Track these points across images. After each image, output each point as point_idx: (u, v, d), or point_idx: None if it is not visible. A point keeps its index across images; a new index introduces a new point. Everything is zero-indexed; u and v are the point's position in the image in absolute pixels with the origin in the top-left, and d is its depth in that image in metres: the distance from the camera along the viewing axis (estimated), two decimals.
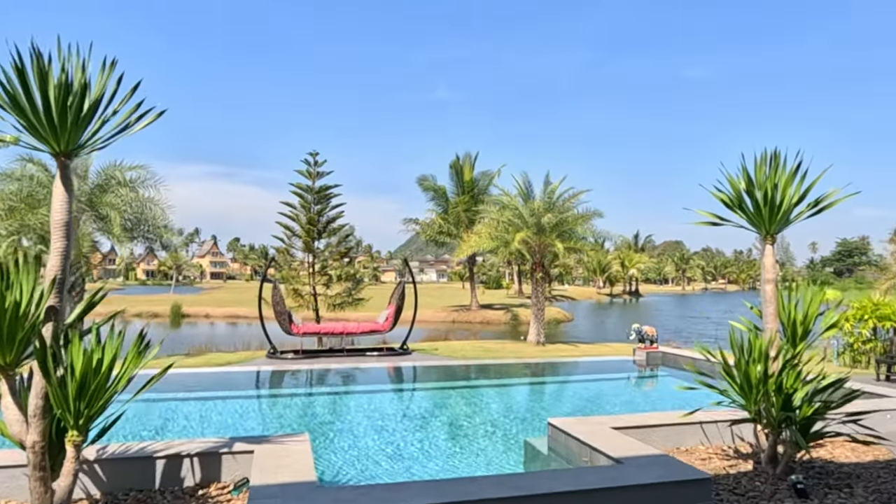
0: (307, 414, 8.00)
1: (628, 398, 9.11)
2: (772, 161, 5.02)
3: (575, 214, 16.74)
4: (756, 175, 5.11)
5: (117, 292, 77.08)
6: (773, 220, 5.04)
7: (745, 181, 5.14)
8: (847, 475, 4.96)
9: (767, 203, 4.99)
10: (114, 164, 14.10)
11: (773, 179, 4.97)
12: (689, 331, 33.31)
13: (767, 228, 5.09)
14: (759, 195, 5.04)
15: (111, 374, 3.81)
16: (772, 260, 5.14)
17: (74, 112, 3.61)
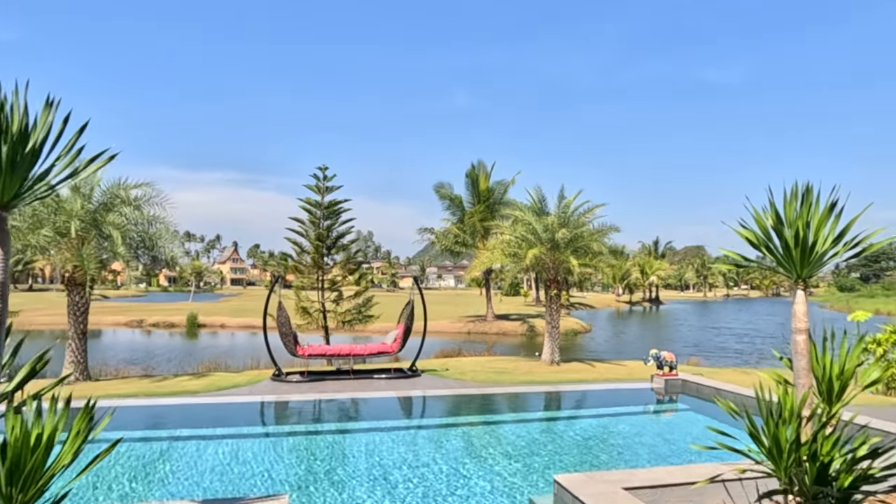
0: (299, 460, 7.56)
1: (646, 439, 8.48)
2: (804, 197, 4.47)
3: (590, 230, 16.17)
4: (785, 212, 4.57)
5: (139, 299, 77.95)
6: (806, 263, 4.49)
7: (773, 218, 4.60)
8: None
9: (799, 244, 4.44)
10: (118, 183, 13.90)
11: (804, 217, 4.42)
12: (712, 344, 32.40)
13: (799, 272, 4.54)
14: (788, 234, 4.50)
15: (51, 453, 3.40)
16: (804, 308, 4.59)
17: (7, 161, 3.22)
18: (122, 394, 11.50)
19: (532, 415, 10.47)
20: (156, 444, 8.10)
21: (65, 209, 12.98)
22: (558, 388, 12.17)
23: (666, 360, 11.72)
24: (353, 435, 8.84)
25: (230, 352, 24.86)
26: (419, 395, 11.68)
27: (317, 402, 10.81)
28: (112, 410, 4.20)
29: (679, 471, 5.55)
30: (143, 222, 14.26)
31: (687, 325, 47.29)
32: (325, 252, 18.49)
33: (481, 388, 12.07)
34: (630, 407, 10.90)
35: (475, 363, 17.44)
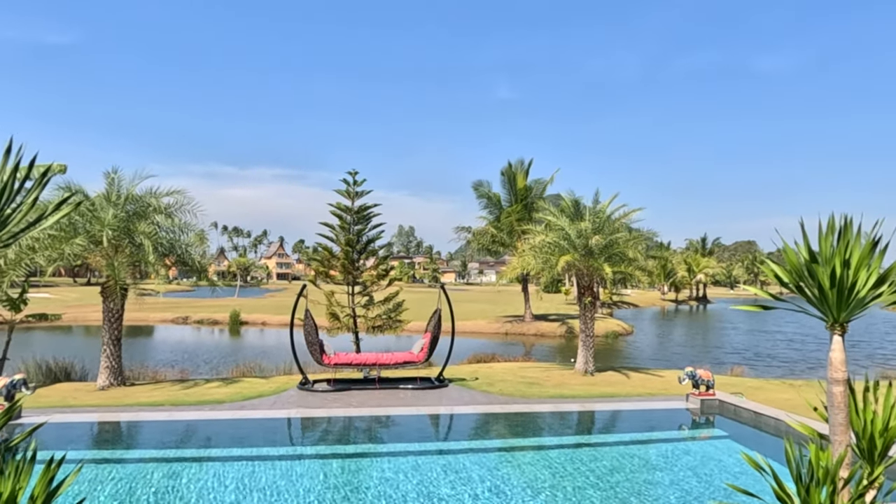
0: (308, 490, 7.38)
1: (675, 474, 7.93)
2: (841, 232, 3.96)
3: (626, 236, 15.53)
4: (820, 248, 4.06)
5: (188, 295, 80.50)
6: (844, 307, 3.98)
7: (807, 254, 4.09)
8: None
9: (835, 285, 3.93)
10: (150, 191, 14.08)
11: (842, 254, 3.91)
12: (759, 351, 31.02)
13: (835, 316, 4.03)
14: (823, 273, 3.99)
15: None
16: (841, 356, 4.08)
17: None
18: (150, 402, 11.64)
19: (556, 440, 10.02)
20: (172, 465, 8.06)
21: (98, 218, 13.22)
22: (586, 406, 11.68)
23: (702, 379, 11.08)
24: (370, 460, 8.63)
25: (266, 353, 25.15)
26: (440, 412, 11.40)
27: (336, 419, 10.64)
28: (79, 466, 4.03)
29: None
30: (175, 230, 14.42)
31: (734, 328, 45.53)
32: (355, 257, 18.39)
33: (507, 404, 11.70)
34: (662, 432, 10.32)
35: (506, 371, 17.07)
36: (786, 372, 22.10)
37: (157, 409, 10.93)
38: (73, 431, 9.53)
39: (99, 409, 10.95)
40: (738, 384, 14.72)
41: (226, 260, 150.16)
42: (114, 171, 14.02)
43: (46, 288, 67.61)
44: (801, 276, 4.12)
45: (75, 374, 16.72)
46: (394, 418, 10.78)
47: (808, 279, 4.10)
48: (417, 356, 13.65)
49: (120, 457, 8.57)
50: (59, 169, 13.96)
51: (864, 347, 32.44)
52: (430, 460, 8.45)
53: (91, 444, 9.31)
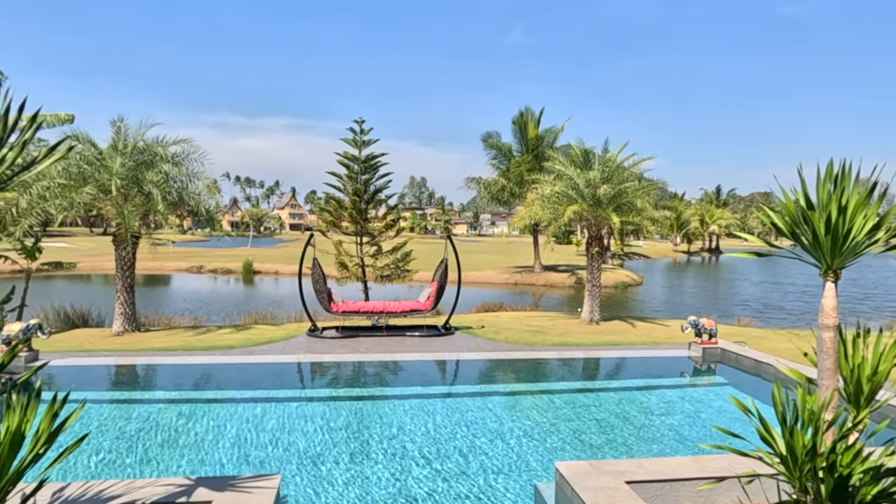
0: (309, 431, 7.63)
1: (673, 419, 8.09)
2: (838, 178, 3.90)
3: (634, 186, 15.35)
4: (818, 194, 4.01)
5: (202, 244, 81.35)
6: (837, 254, 3.96)
7: (803, 201, 4.05)
8: None
9: (830, 231, 3.90)
10: (157, 140, 14.07)
11: (838, 201, 3.86)
12: (768, 302, 31.01)
13: (829, 263, 4.02)
14: (818, 220, 3.96)
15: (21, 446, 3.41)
16: (833, 302, 4.08)
17: None
18: (163, 347, 11.97)
19: (558, 385, 10.21)
20: (184, 406, 8.36)
21: (107, 167, 13.29)
22: (590, 354, 11.85)
23: (705, 328, 11.16)
24: (376, 402, 8.88)
25: (278, 301, 25.60)
26: (446, 358, 11.61)
27: (344, 364, 10.90)
28: (83, 402, 4.20)
29: (692, 463, 5.23)
30: (184, 179, 14.47)
31: (744, 279, 45.42)
32: (363, 207, 18.40)
33: (511, 350, 11.90)
34: (663, 379, 10.48)
35: (512, 320, 17.27)
36: (796, 324, 22.14)
37: (170, 354, 11.25)
38: (90, 374, 9.87)
39: (114, 354, 11.30)
40: (743, 334, 14.81)
41: (239, 210, 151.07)
42: (120, 120, 13.99)
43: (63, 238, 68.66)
44: (797, 223, 4.09)
45: (92, 320, 17.17)
46: (400, 364, 11.02)
47: (804, 226, 4.07)
48: (424, 304, 13.84)
49: (134, 398, 8.90)
50: (66, 118, 13.96)
51: (876, 300, 32.33)
52: (434, 403, 8.69)
53: (106, 385, 9.65)
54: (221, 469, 6.27)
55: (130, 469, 6.22)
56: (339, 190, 18.87)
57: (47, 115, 14.09)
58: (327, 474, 6.17)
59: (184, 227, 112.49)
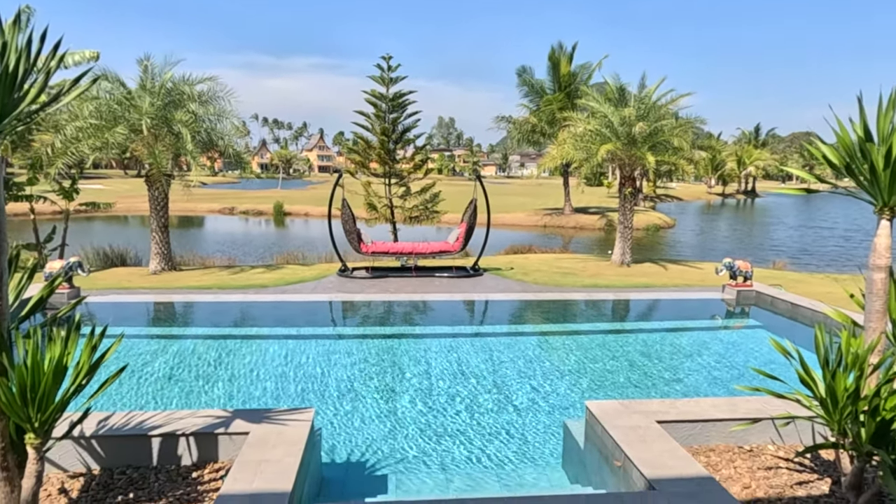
0: (341, 367, 7.76)
1: (705, 360, 8.01)
2: None
3: (672, 124, 14.77)
4: (879, 124, 3.73)
5: (233, 186, 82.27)
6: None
7: (862, 132, 3.77)
8: None
9: (889, 165, 3.65)
10: (183, 79, 13.96)
11: None
12: (805, 245, 30.16)
13: (885, 199, 3.77)
14: (878, 153, 3.69)
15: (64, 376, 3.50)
16: (887, 241, 3.86)
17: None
18: (199, 285, 12.25)
19: (588, 325, 10.18)
20: (220, 342, 8.59)
21: (136, 107, 13.29)
22: (620, 296, 11.73)
23: (740, 270, 10.89)
24: (405, 340, 9.00)
25: (310, 242, 25.88)
26: (475, 298, 11.63)
27: (374, 303, 11.01)
28: (120, 336, 4.27)
29: (725, 404, 5.17)
30: (212, 118, 14.41)
31: (781, 223, 44.18)
32: (391, 147, 18.18)
33: (541, 292, 11.84)
34: (695, 321, 10.34)
35: (542, 261, 17.16)
36: (832, 267, 21.54)
37: (205, 292, 11.51)
38: (129, 310, 10.18)
39: (152, 291, 11.61)
40: (779, 277, 14.48)
41: (268, 152, 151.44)
42: (147, 59, 13.87)
43: (100, 180, 70.05)
44: (853, 157, 3.83)
45: (130, 259, 17.62)
46: (429, 303, 11.09)
47: (860, 159, 3.81)
48: (453, 246, 13.79)
49: (173, 333, 9.18)
50: (91, 56, 13.89)
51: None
52: (463, 343, 8.77)
53: (146, 321, 9.96)
54: (257, 402, 6.47)
55: (171, 401, 6.45)
56: (367, 130, 18.63)
57: (73, 52, 14.03)
58: (359, 409, 6.32)
59: (215, 168, 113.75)
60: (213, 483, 4.22)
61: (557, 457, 5.53)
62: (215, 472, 4.38)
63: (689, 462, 4.12)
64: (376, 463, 5.41)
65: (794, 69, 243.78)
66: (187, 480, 4.26)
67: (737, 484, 4.29)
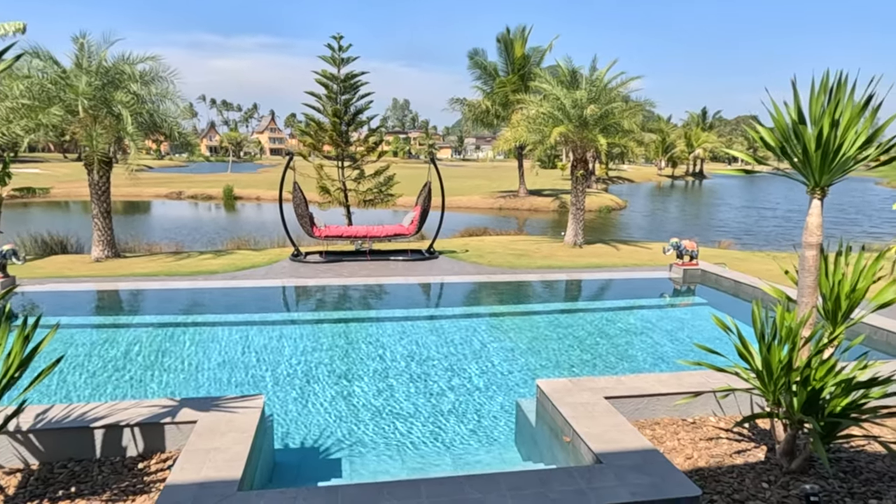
0: (294, 353, 7.68)
1: (653, 337, 8.26)
2: (833, 91, 3.76)
3: (622, 106, 15.02)
4: (811, 107, 3.88)
5: (180, 170, 79.69)
6: (826, 170, 3.88)
7: (795, 115, 3.92)
8: (878, 476, 4.17)
9: (821, 146, 3.80)
10: (123, 58, 13.34)
11: (831, 114, 3.74)
12: (749, 226, 31.36)
13: (817, 179, 3.94)
14: (810, 135, 3.85)
15: None
16: (818, 220, 4.04)
17: None
18: (145, 273, 11.86)
19: (542, 306, 10.35)
20: (167, 330, 8.35)
21: (72, 87, 12.65)
22: (573, 276, 11.96)
23: (686, 249, 11.25)
24: (359, 325, 8.95)
25: (261, 227, 25.35)
26: (430, 281, 11.65)
27: (327, 288, 10.89)
28: (55, 325, 4.11)
29: (670, 379, 5.36)
30: (155, 99, 13.85)
31: (726, 204, 45.75)
32: (343, 129, 17.88)
33: (495, 273, 11.95)
34: (644, 299, 10.65)
35: (497, 243, 17.31)
36: (773, 246, 22.48)
37: (151, 279, 11.16)
38: (70, 299, 9.77)
39: (95, 279, 11.17)
40: (724, 256, 15.02)
41: (217, 135, 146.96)
42: (82, 36, 13.18)
43: (36, 164, 66.62)
44: (787, 138, 3.98)
45: (71, 247, 16.90)
46: (385, 287, 11.05)
47: (794, 141, 3.96)
48: (408, 229, 13.75)
49: (118, 322, 8.88)
50: (17, 28, 13.05)
51: (863, 223, 32.88)
52: (419, 325, 8.78)
53: (88, 310, 9.59)
54: (207, 391, 6.34)
55: (115, 392, 6.26)
56: (319, 111, 18.26)
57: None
58: (314, 394, 6.27)
59: (161, 152, 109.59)
60: (160, 473, 4.13)
61: (510, 435, 5.63)
62: (162, 463, 4.28)
63: (635, 435, 4.26)
64: (330, 447, 5.39)
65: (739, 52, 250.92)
66: (133, 472, 4.15)
67: (680, 455, 4.46)
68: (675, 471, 3.77)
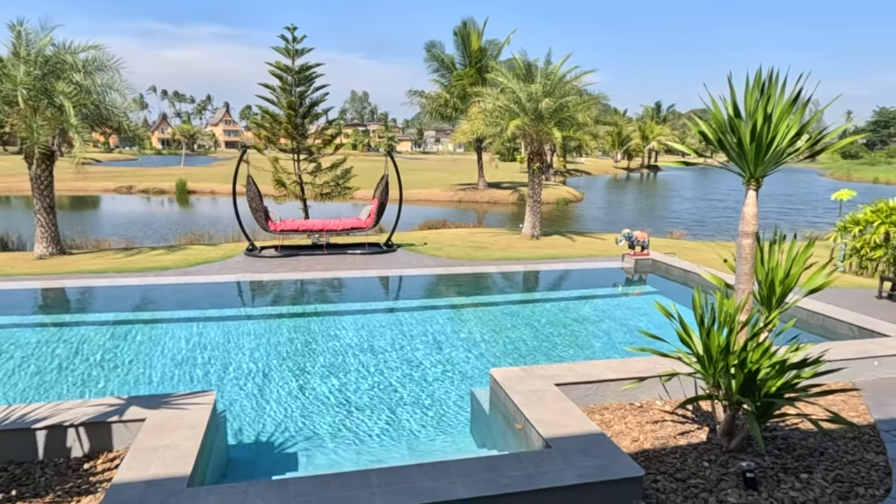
0: (249, 348, 7.60)
1: (605, 326, 8.48)
2: (765, 87, 3.93)
3: (576, 100, 15.26)
4: (746, 103, 4.05)
5: (130, 163, 77.04)
6: (760, 162, 4.06)
7: (732, 110, 4.08)
8: (810, 452, 4.42)
9: (754, 139, 3.98)
10: (65, 47, 12.82)
11: (764, 109, 3.92)
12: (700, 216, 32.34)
13: (752, 171, 4.12)
14: (745, 129, 4.02)
15: None
16: (753, 210, 4.23)
17: None
18: (92, 270, 11.48)
19: (499, 297, 10.48)
20: (116, 328, 8.13)
21: (9, 76, 12.09)
22: (529, 267, 12.13)
23: (637, 240, 11.55)
24: (316, 319, 8.90)
25: (216, 221, 24.80)
26: (388, 274, 11.64)
27: (283, 282, 10.77)
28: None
29: (619, 365, 5.53)
30: (100, 90, 13.35)
31: (680, 196, 47.04)
32: (298, 121, 17.62)
33: (453, 266, 12.03)
34: (597, 289, 10.90)
35: (456, 236, 17.39)
36: (722, 236, 23.24)
37: (99, 276, 10.81)
38: (12, 298, 9.40)
39: (38, 277, 10.75)
40: (674, 246, 15.48)
41: (169, 127, 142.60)
42: (20, 24, 12.60)
43: None
44: (724, 132, 4.15)
45: (12, 243, 16.23)
46: (342, 281, 10.99)
47: (730, 135, 4.13)
48: (365, 222, 13.68)
49: (63, 321, 8.59)
50: None
51: (807, 213, 34.27)
52: (377, 318, 8.79)
53: (31, 309, 9.24)
54: (158, 389, 6.21)
55: (61, 392, 6.07)
56: (274, 104, 17.94)
57: None
58: (270, 389, 6.22)
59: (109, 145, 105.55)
60: (107, 473, 4.05)
61: (466, 423, 5.71)
62: (110, 462, 4.20)
63: (583, 420, 4.38)
64: (286, 441, 5.37)
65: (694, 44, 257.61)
66: (78, 472, 4.06)
67: (626, 438, 4.62)
68: (620, 453, 3.90)
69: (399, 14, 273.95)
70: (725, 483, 3.97)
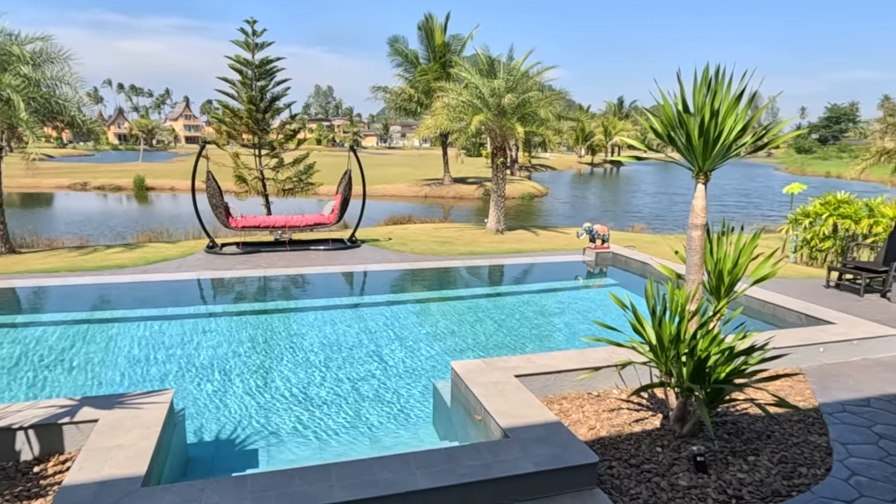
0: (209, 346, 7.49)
1: (566, 318, 8.64)
2: (713, 82, 4.06)
3: (538, 95, 15.41)
4: (694, 99, 4.18)
5: (86, 159, 74.67)
6: (708, 156, 4.19)
7: (681, 105, 4.21)
8: (757, 435, 4.60)
9: (702, 134, 4.11)
10: (10, 38, 12.35)
11: (711, 105, 4.05)
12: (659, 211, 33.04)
13: (700, 165, 4.26)
14: (693, 124, 4.14)
15: None
16: (702, 203, 4.37)
17: None
18: (44, 269, 11.12)
19: (463, 291, 10.54)
20: (70, 328, 7.90)
21: None
22: (493, 262, 12.24)
23: (598, 234, 11.77)
24: (278, 316, 8.81)
25: (176, 218, 24.26)
26: (352, 270, 11.59)
27: (244, 279, 10.62)
28: None
29: (577, 356, 5.64)
30: (50, 83, 12.91)
31: (642, 191, 47.97)
32: (259, 116, 17.35)
33: (418, 261, 12.04)
34: (559, 282, 11.07)
35: (420, 231, 17.40)
36: (681, 229, 23.81)
37: (52, 275, 10.48)
38: None
39: None
40: (635, 239, 15.81)
41: (126, 122, 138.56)
42: None
43: None
44: (674, 127, 4.27)
45: None
46: (305, 277, 10.90)
47: (679, 130, 4.25)
48: (328, 218, 13.58)
49: (13, 321, 8.30)
50: None
51: (762, 206, 35.32)
52: (340, 314, 8.75)
53: None
54: (114, 388, 6.08)
55: (14, 395, 5.89)
56: (234, 98, 17.63)
57: None
58: (231, 387, 6.15)
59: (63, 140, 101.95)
60: (58, 476, 3.96)
61: (429, 416, 5.75)
62: (61, 465, 4.10)
63: (541, 410, 4.47)
64: (247, 438, 5.32)
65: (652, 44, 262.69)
66: (28, 476, 3.95)
67: (584, 426, 4.73)
68: (576, 440, 4.00)
69: (362, 8, 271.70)
70: (677, 467, 4.10)
